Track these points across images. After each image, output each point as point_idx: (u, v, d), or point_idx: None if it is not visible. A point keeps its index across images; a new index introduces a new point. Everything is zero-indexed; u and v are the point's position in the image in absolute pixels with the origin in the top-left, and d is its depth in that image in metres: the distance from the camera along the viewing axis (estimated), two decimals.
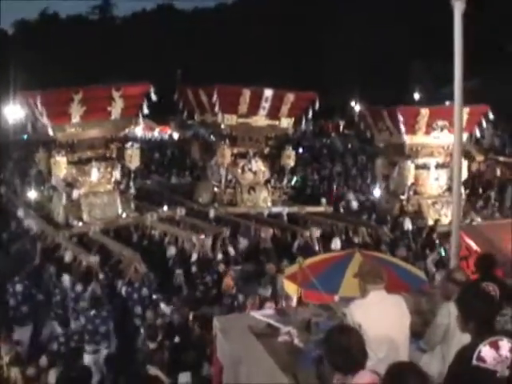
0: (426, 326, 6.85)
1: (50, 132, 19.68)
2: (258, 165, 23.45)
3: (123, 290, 14.36)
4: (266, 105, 22.63)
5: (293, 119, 23.78)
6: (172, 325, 12.10)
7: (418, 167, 22.61)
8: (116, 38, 74.57)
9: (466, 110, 17.52)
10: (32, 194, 22.38)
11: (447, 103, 30.93)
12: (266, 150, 24.03)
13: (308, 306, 8.33)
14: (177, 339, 11.39)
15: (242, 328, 7.10)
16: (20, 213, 21.31)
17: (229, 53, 62.44)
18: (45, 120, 19.44)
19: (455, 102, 9.11)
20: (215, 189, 23.46)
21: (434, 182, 22.95)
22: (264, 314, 7.54)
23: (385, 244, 17.86)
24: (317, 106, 23.04)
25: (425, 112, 22.07)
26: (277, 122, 23.32)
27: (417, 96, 57.90)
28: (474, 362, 4.91)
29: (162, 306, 13.46)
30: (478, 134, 23.39)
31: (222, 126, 22.82)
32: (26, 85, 30.56)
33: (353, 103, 58.02)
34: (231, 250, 17.41)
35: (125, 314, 13.75)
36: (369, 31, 57.06)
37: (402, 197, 22.61)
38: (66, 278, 14.85)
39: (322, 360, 5.34)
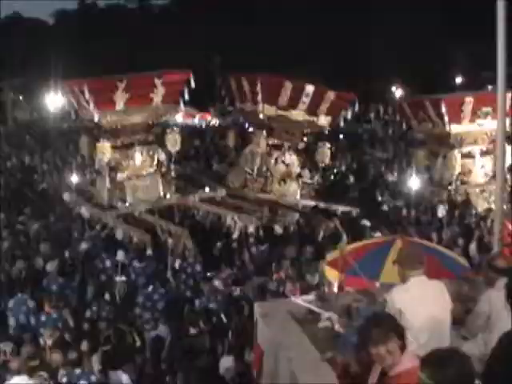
0: (468, 314, 6.80)
1: (96, 118, 20.11)
2: (292, 158, 23.46)
3: (177, 265, 14.98)
4: (306, 100, 22.53)
5: (330, 118, 23.54)
6: (210, 309, 12.24)
7: (462, 156, 22.28)
8: (154, 25, 74.59)
9: (508, 94, 17.26)
10: (74, 179, 22.81)
11: (489, 87, 30.52)
12: (301, 145, 23.94)
13: (348, 292, 8.32)
14: (219, 321, 11.53)
15: (283, 313, 7.08)
16: (65, 197, 21.86)
17: (270, 39, 61.97)
18: (91, 107, 19.89)
19: (498, 88, 9.02)
20: (247, 176, 23.58)
21: (480, 170, 22.61)
22: (305, 300, 7.54)
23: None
24: (356, 107, 23.03)
25: (469, 100, 21.72)
26: (315, 119, 23.13)
27: (458, 80, 57.18)
28: None
29: (217, 282, 13.68)
30: None
31: (261, 116, 22.84)
32: (67, 74, 30.89)
33: (393, 88, 57.51)
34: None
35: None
36: (409, 14, 56.36)
37: (450, 187, 22.32)
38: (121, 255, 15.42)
39: None
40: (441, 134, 22.18)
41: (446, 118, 21.54)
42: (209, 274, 14.65)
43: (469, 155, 22.52)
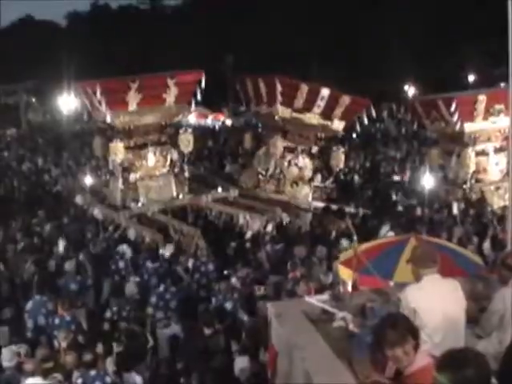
0: (482, 312, 6.78)
1: (109, 119, 20.24)
2: (305, 161, 23.39)
3: (190, 264, 15.05)
4: (321, 103, 22.42)
5: (344, 122, 23.38)
6: (225, 309, 12.23)
7: (476, 154, 22.17)
8: (166, 25, 74.65)
9: None
10: (88, 180, 22.91)
11: (502, 85, 30.40)
12: (315, 149, 23.87)
13: (362, 291, 8.30)
14: (234, 321, 11.53)
15: (297, 313, 7.07)
16: (78, 199, 21.99)
17: (283, 39, 61.82)
18: (103, 108, 20.03)
19: (510, 85, 9.00)
20: (260, 177, 23.61)
21: (495, 167, 22.50)
22: (319, 300, 7.52)
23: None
24: (373, 113, 22.95)
25: (482, 98, 21.61)
26: (329, 123, 23.00)
27: (470, 78, 56.96)
28: None
29: (233, 280, 13.70)
30: None
31: (276, 118, 22.81)
32: (80, 76, 31.02)
33: (406, 87, 57.34)
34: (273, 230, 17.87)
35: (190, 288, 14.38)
36: (421, 13, 56.20)
37: (464, 185, 22.22)
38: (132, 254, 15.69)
39: None
40: (454, 133, 22.07)
41: (459, 117, 21.43)
42: (226, 273, 14.66)
43: (483, 153, 22.40)
